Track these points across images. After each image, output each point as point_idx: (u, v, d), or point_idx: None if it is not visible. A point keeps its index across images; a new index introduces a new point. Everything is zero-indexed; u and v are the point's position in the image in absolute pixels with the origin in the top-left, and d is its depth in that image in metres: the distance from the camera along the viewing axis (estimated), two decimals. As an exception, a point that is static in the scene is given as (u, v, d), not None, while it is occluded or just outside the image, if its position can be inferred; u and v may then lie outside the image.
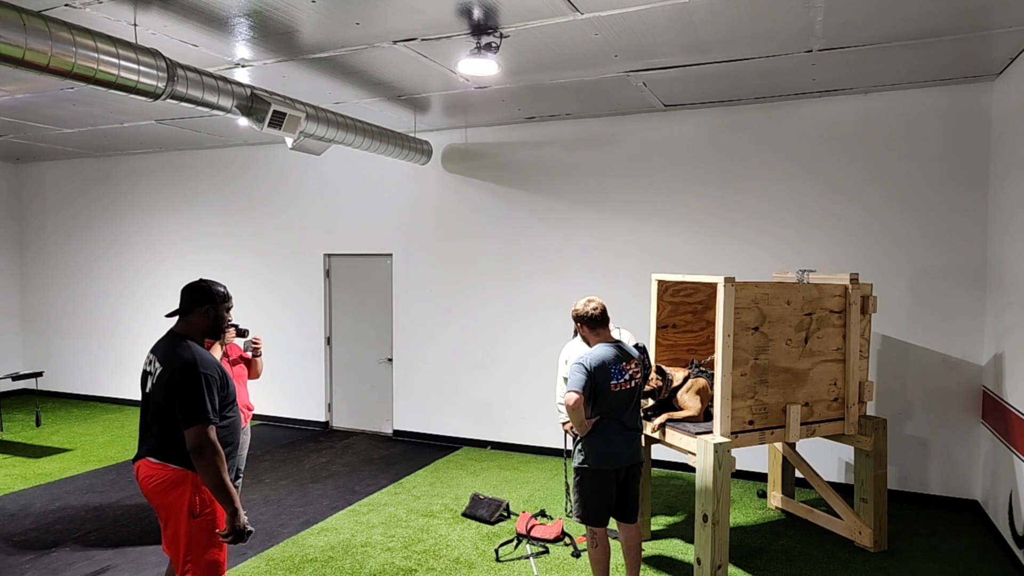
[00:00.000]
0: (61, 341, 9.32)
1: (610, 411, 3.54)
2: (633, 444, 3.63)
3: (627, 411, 3.60)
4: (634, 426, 3.65)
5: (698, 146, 6.01)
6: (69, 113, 6.35)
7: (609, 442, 3.56)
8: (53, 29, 3.33)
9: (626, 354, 3.62)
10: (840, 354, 4.41)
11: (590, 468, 3.57)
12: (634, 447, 3.64)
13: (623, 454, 3.58)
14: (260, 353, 4.62)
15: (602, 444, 3.56)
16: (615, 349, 3.60)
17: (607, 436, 3.56)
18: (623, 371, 3.56)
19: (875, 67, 4.78)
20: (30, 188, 9.43)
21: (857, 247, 5.51)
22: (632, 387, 3.60)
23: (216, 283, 3.09)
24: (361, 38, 4.25)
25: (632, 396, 3.62)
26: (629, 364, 3.60)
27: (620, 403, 3.56)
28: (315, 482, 5.90)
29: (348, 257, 7.62)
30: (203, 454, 2.75)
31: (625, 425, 3.59)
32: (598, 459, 3.55)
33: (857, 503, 4.57)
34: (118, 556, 4.40)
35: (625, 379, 3.57)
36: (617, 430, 3.57)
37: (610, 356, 3.55)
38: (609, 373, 3.52)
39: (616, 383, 3.53)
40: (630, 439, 3.61)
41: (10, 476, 6.00)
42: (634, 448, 3.64)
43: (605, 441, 3.56)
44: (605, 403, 3.53)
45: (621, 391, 3.55)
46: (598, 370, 3.51)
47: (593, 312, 3.64)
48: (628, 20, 3.91)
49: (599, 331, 3.67)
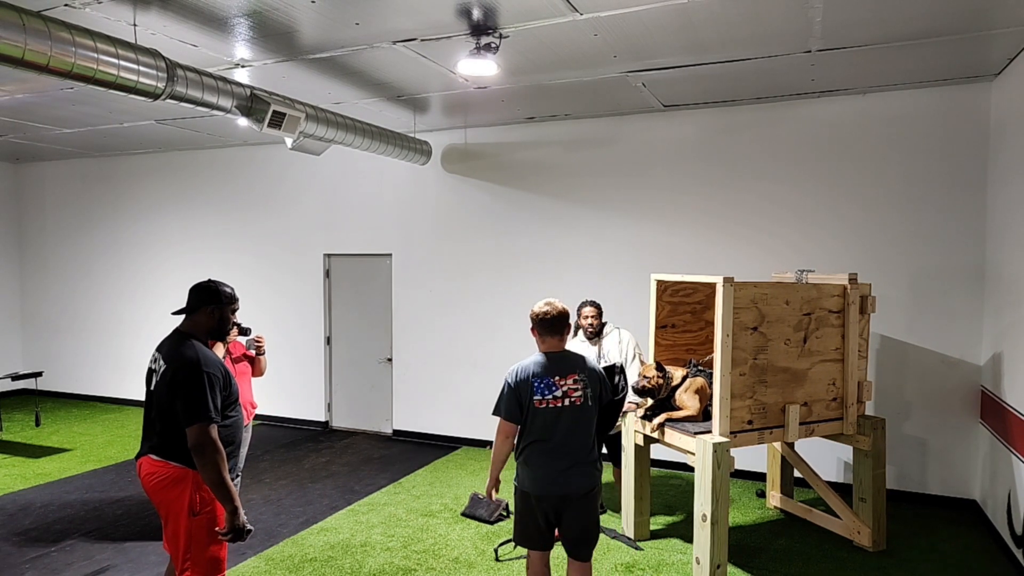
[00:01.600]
0: (61, 341, 9.33)
1: (538, 432, 3.08)
2: (569, 474, 3.08)
3: (557, 433, 3.07)
4: (571, 452, 3.09)
5: (697, 146, 6.01)
6: (69, 113, 6.35)
7: (533, 467, 3.10)
8: (53, 29, 3.34)
9: (564, 367, 3.12)
10: (839, 354, 4.41)
11: (516, 487, 3.21)
12: (571, 478, 3.08)
13: (553, 483, 3.08)
14: (263, 351, 4.64)
15: (527, 467, 3.13)
16: (549, 360, 3.14)
17: (531, 460, 3.11)
18: (553, 386, 3.07)
19: (874, 67, 4.79)
20: (30, 188, 9.43)
21: (856, 247, 5.52)
22: (565, 406, 3.08)
23: (224, 284, 3.10)
24: (361, 38, 4.26)
25: (565, 416, 3.08)
26: (564, 379, 3.09)
27: (548, 422, 3.06)
28: (315, 482, 5.90)
29: (348, 257, 7.63)
30: (204, 452, 2.77)
31: (557, 451, 3.07)
32: (523, 481, 3.16)
33: (856, 503, 4.57)
34: (118, 555, 4.40)
35: (555, 395, 3.07)
36: (543, 453, 3.08)
37: (538, 367, 3.11)
38: (531, 387, 3.07)
39: (541, 399, 3.06)
40: (561, 467, 3.07)
41: (10, 476, 6.00)
42: (571, 479, 3.08)
43: (530, 464, 3.12)
44: (533, 422, 3.08)
45: (548, 408, 3.06)
46: (521, 383, 3.10)
47: (543, 316, 3.16)
48: (627, 20, 3.91)
49: (546, 339, 3.17)
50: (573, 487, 3.09)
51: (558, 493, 3.09)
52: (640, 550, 4.49)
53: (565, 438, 3.08)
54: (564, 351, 3.20)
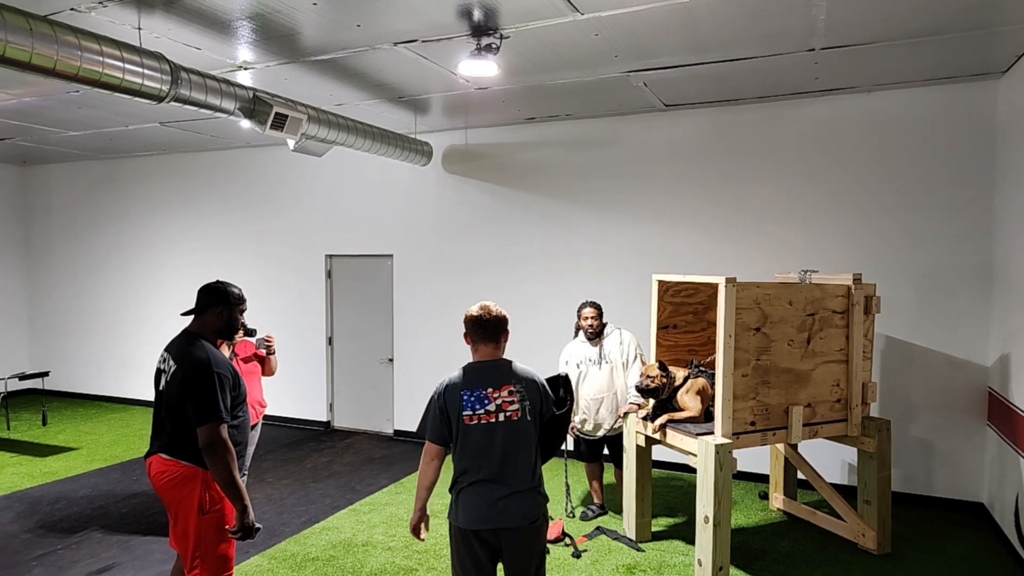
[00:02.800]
0: (67, 341, 9.39)
1: (469, 453, 2.68)
2: (508, 502, 2.65)
3: (491, 454, 2.66)
4: (508, 477, 2.66)
5: (699, 146, 5.99)
6: (75, 116, 6.40)
7: (466, 496, 2.69)
8: (59, 33, 3.37)
9: (497, 377, 2.74)
10: (843, 355, 4.38)
11: (450, 523, 2.76)
12: (511, 506, 2.65)
13: (488, 514, 2.65)
14: (273, 351, 4.69)
15: (462, 496, 2.71)
16: (479, 369, 2.77)
17: (463, 488, 2.71)
18: (485, 399, 2.69)
19: (878, 66, 4.76)
20: (36, 190, 9.51)
21: (860, 247, 5.48)
22: (500, 421, 2.68)
23: (232, 285, 3.15)
24: (362, 40, 4.26)
25: (500, 434, 2.68)
26: (498, 391, 2.70)
27: (480, 442, 2.67)
28: (317, 481, 5.92)
29: (349, 258, 7.64)
30: (215, 451, 2.79)
31: (493, 475, 2.65)
32: (455, 515, 2.73)
33: (860, 505, 4.54)
34: (124, 553, 4.43)
35: (488, 410, 2.68)
36: (475, 479, 2.67)
37: (467, 378, 2.74)
38: (460, 401, 2.69)
39: (471, 414, 2.68)
40: (498, 495, 2.65)
41: (17, 474, 6.05)
42: (512, 508, 2.65)
43: (461, 494, 2.71)
44: (462, 441, 2.69)
45: (480, 425, 2.67)
46: (448, 397, 2.72)
47: (475, 319, 2.82)
48: (629, 20, 3.90)
49: (479, 346, 2.83)
50: (512, 518, 2.66)
51: (495, 526, 2.65)
52: (641, 551, 4.48)
53: (501, 460, 2.67)
54: (498, 360, 2.82)
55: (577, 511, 5.15)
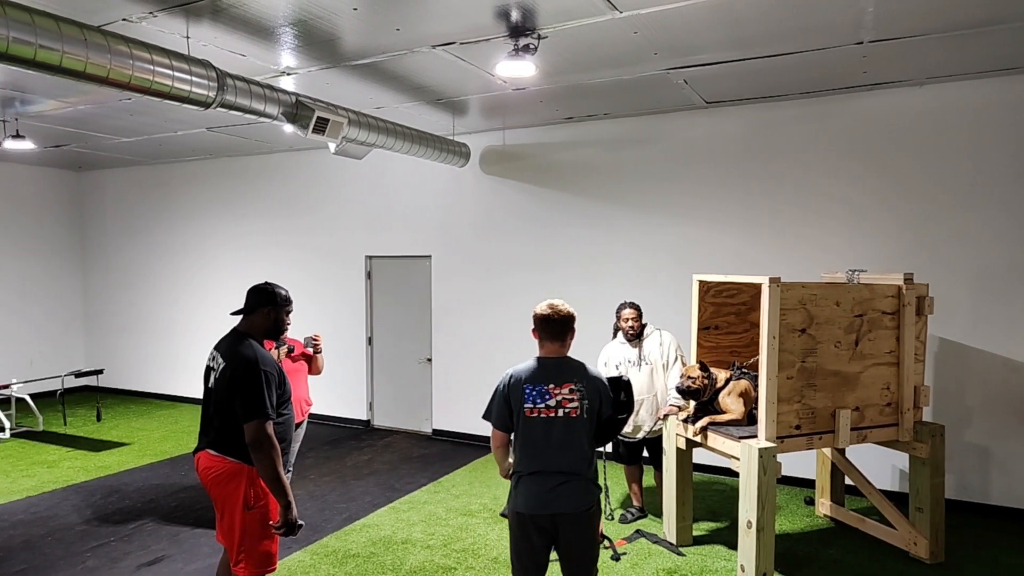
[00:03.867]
0: (120, 340, 9.75)
1: (529, 444, 2.85)
2: (563, 490, 2.82)
3: (549, 446, 2.83)
4: (564, 468, 2.84)
5: (742, 143, 5.88)
6: (127, 123, 6.63)
7: (524, 483, 2.87)
8: (112, 43, 3.48)
9: (559, 374, 2.87)
10: (894, 357, 4.25)
11: (510, 510, 2.93)
12: (565, 494, 2.83)
13: (547, 501, 2.82)
14: (321, 350, 4.79)
15: (522, 483, 2.88)
16: (544, 366, 2.89)
17: (526, 475, 2.87)
18: (546, 394, 2.83)
19: (931, 58, 4.59)
20: (91, 195, 9.90)
21: (912, 246, 5.30)
22: (558, 416, 2.84)
23: (279, 287, 3.21)
24: (401, 44, 4.31)
25: (559, 428, 2.83)
26: (559, 387, 2.84)
27: (538, 434, 2.83)
28: (357, 479, 6.01)
29: (389, 259, 7.74)
30: (261, 448, 2.85)
31: (550, 465, 2.83)
32: (514, 501, 2.90)
33: (912, 512, 4.39)
34: (173, 545, 4.57)
35: (548, 405, 2.83)
36: (532, 468, 2.84)
37: (531, 373, 2.87)
38: (523, 394, 2.84)
39: (532, 407, 2.83)
40: (552, 483, 2.82)
41: (73, 468, 6.30)
42: (565, 496, 2.83)
43: (520, 480, 2.89)
44: (523, 432, 2.86)
45: (539, 418, 2.83)
46: (512, 388, 2.87)
47: (543, 317, 2.92)
48: (668, 17, 3.85)
49: (545, 343, 2.93)
50: (567, 505, 2.82)
51: (551, 512, 2.81)
52: (682, 556, 4.41)
53: (556, 451, 2.83)
54: (564, 357, 2.93)
55: (616, 513, 5.10)
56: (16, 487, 5.76)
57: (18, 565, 4.29)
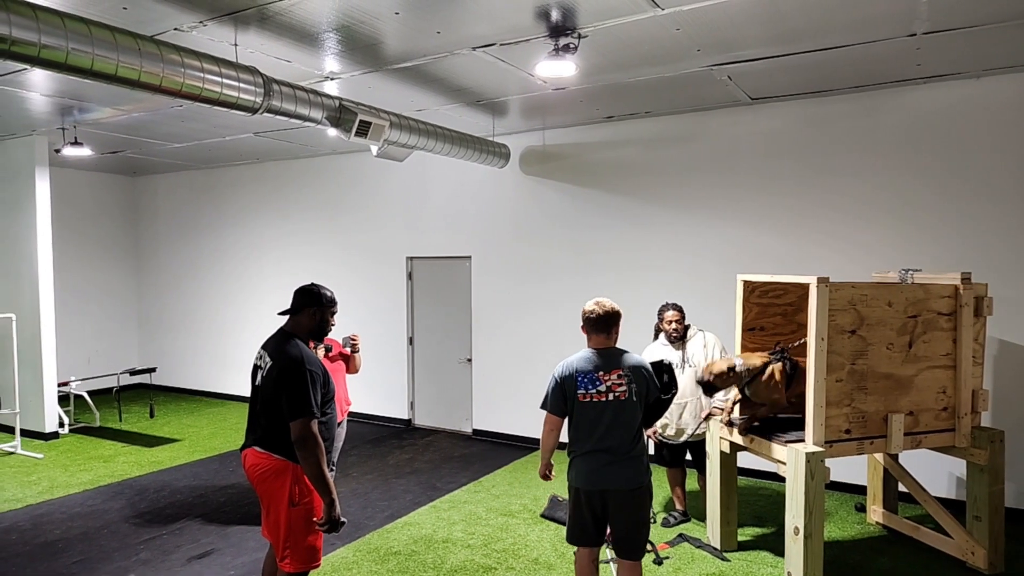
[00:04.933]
0: (172, 339, 10.08)
1: (582, 426, 3.22)
2: (612, 468, 3.17)
3: (599, 428, 3.18)
4: (613, 447, 3.16)
5: (788, 140, 5.74)
6: (178, 129, 6.86)
7: (579, 461, 3.25)
8: (164, 52, 3.61)
9: (609, 363, 3.21)
10: (950, 360, 4.09)
11: (568, 483, 3.32)
12: (615, 472, 3.17)
13: (599, 478, 3.18)
14: (358, 349, 4.87)
15: (577, 461, 3.27)
16: (594, 355, 3.24)
17: (580, 454, 3.25)
18: (596, 380, 3.18)
19: (988, 49, 4.40)
20: (144, 199, 10.27)
21: (969, 245, 5.09)
22: (609, 400, 3.16)
23: (325, 288, 3.27)
24: (442, 46, 4.34)
25: (609, 411, 3.17)
26: (608, 374, 3.18)
27: (591, 417, 3.18)
28: (399, 477, 6.08)
29: (429, 260, 7.81)
30: (306, 445, 2.89)
31: (601, 445, 3.17)
32: (572, 475, 3.29)
33: (969, 521, 4.21)
34: (222, 539, 4.69)
35: (599, 390, 3.17)
36: (586, 448, 3.20)
37: (583, 363, 3.22)
38: (576, 381, 3.20)
39: (584, 393, 3.18)
40: (604, 461, 3.17)
41: (128, 463, 6.54)
42: (615, 473, 3.17)
43: (576, 459, 3.27)
44: (577, 416, 3.23)
45: (592, 403, 3.18)
46: (566, 377, 3.23)
47: (589, 314, 3.27)
48: (711, 13, 3.79)
49: (592, 335, 3.29)
50: (616, 482, 3.17)
51: (601, 488, 3.18)
52: (727, 561, 4.33)
53: (607, 433, 3.17)
54: (610, 347, 3.29)
55: (659, 517, 5.04)
56: (74, 481, 6.00)
57: (75, 556, 4.47)
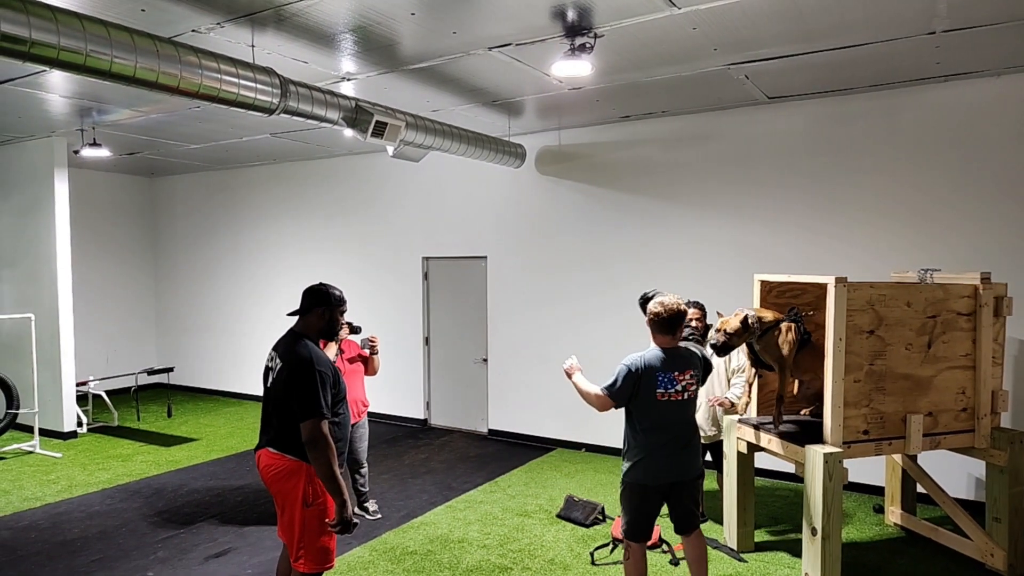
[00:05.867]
0: (189, 339, 10.19)
1: (656, 423, 3.32)
2: (682, 460, 3.37)
3: (676, 425, 3.35)
4: (686, 441, 3.39)
5: (806, 139, 5.70)
6: (195, 130, 6.93)
7: (653, 457, 3.34)
8: (182, 54, 3.63)
9: (682, 363, 3.35)
10: (969, 360, 4.05)
11: (630, 483, 3.40)
12: (684, 463, 3.38)
13: (670, 471, 3.35)
14: (377, 351, 4.89)
15: (646, 459, 3.34)
16: (670, 356, 3.35)
17: (651, 450, 3.33)
18: (674, 380, 3.31)
19: (1009, 47, 4.34)
20: (163, 199, 10.38)
21: (989, 244, 5.03)
22: (684, 399, 3.35)
23: (333, 287, 3.26)
24: (457, 47, 4.36)
25: (684, 409, 3.37)
26: (683, 374, 3.33)
27: (669, 416, 3.33)
28: (415, 477, 6.10)
29: (445, 260, 7.83)
30: (316, 446, 2.90)
31: (673, 440, 3.35)
32: (640, 474, 3.36)
33: (989, 522, 4.17)
34: (238, 539, 4.73)
35: (676, 390, 3.31)
36: (663, 444, 3.33)
37: (661, 362, 3.31)
38: (655, 380, 3.28)
39: (664, 392, 3.29)
40: (679, 454, 3.36)
41: (146, 462, 6.61)
42: (684, 464, 3.39)
43: (649, 456, 3.34)
44: (650, 413, 3.32)
45: (670, 402, 3.31)
46: (645, 373, 3.29)
47: (656, 316, 3.36)
48: (728, 12, 3.77)
49: (658, 336, 3.39)
50: (685, 472, 3.38)
51: (676, 479, 3.36)
52: (744, 562, 4.31)
53: (680, 429, 3.35)
54: (678, 347, 3.40)
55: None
56: (93, 480, 6.07)
57: (94, 555, 4.52)
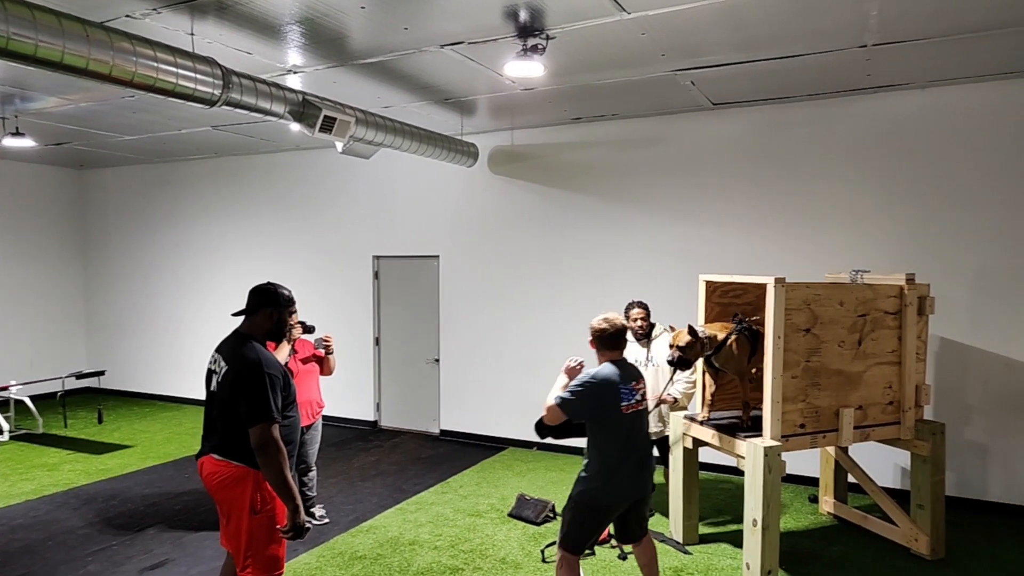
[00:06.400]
0: (122, 341, 9.71)
1: (622, 436, 3.26)
2: (644, 477, 3.34)
3: (637, 437, 3.33)
4: (646, 455, 3.37)
5: (748, 145, 5.91)
6: (129, 121, 6.61)
7: (618, 476, 3.24)
8: (114, 39, 3.45)
9: (634, 373, 3.38)
10: (896, 356, 4.28)
11: (588, 503, 3.28)
12: (645, 479, 3.35)
13: (632, 488, 3.30)
14: (332, 350, 4.78)
15: (612, 477, 3.24)
16: (621, 368, 3.33)
17: (615, 468, 3.24)
18: (633, 391, 3.29)
19: (933, 61, 4.63)
20: (93, 193, 9.86)
21: (914, 246, 5.35)
22: (642, 409, 3.35)
23: (281, 287, 3.15)
24: (409, 43, 4.32)
25: (641, 420, 3.36)
26: (638, 383, 3.35)
27: (632, 427, 3.28)
28: (364, 480, 6.01)
29: (396, 259, 7.74)
30: (267, 451, 2.80)
31: (636, 456, 3.30)
32: (601, 495, 3.25)
33: (913, 509, 4.43)
34: (176, 549, 4.54)
35: (636, 399, 3.30)
36: (627, 461, 3.26)
37: (619, 375, 3.27)
38: (619, 393, 3.23)
39: (628, 404, 3.25)
40: (641, 471, 3.32)
41: (73, 471, 6.26)
42: (645, 481, 3.36)
43: (614, 474, 3.24)
44: (617, 428, 3.25)
45: (634, 413, 3.29)
46: (607, 388, 3.23)
47: (602, 333, 3.34)
48: (676, 19, 3.87)
49: (606, 352, 3.36)
50: (647, 488, 3.38)
51: (635, 497, 3.32)
52: (688, 554, 4.44)
53: (640, 440, 3.35)
54: (624, 359, 3.41)
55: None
56: (15, 491, 5.71)
57: (18, 570, 4.25)
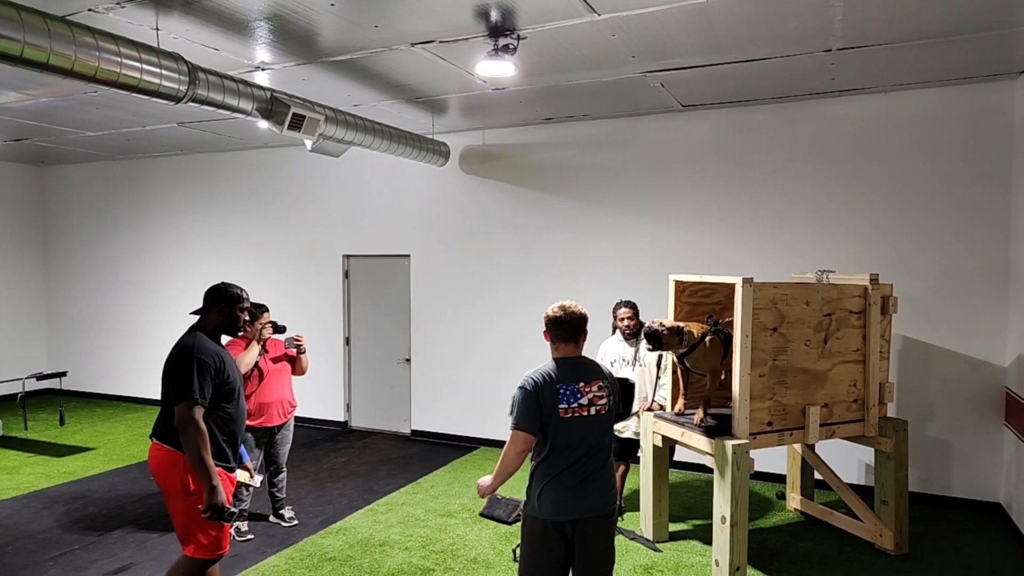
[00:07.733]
0: (85, 341, 9.47)
1: (557, 444, 2.74)
2: (588, 492, 2.75)
3: (581, 446, 2.75)
4: (593, 468, 2.77)
5: (716, 146, 5.98)
6: (93, 116, 6.46)
7: (552, 487, 2.74)
8: (77, 34, 3.38)
9: (588, 373, 2.81)
10: (860, 355, 4.37)
11: (527, 515, 2.82)
12: (590, 496, 2.75)
13: (569, 504, 2.73)
14: (304, 350, 4.77)
15: (545, 488, 2.75)
16: (569, 365, 2.81)
17: (549, 479, 2.75)
18: (578, 393, 2.75)
19: (896, 66, 4.74)
20: (55, 190, 9.60)
21: (878, 247, 5.46)
22: (591, 415, 2.77)
23: (233, 285, 3.35)
24: (379, 41, 4.29)
25: (592, 427, 2.77)
26: (589, 386, 2.78)
27: (573, 434, 2.74)
28: (334, 481, 5.95)
29: (367, 258, 7.68)
30: (186, 430, 2.95)
31: (576, 466, 2.74)
32: (538, 507, 2.76)
33: (878, 505, 4.52)
34: (140, 553, 4.45)
35: (581, 403, 2.75)
36: (563, 471, 2.73)
37: (560, 373, 2.77)
38: (557, 394, 2.73)
39: (567, 407, 2.73)
40: (583, 485, 2.74)
41: (34, 474, 6.10)
42: (589, 497, 2.75)
43: (548, 485, 2.75)
44: (553, 434, 2.73)
45: (574, 418, 2.73)
46: (544, 389, 2.73)
47: (556, 321, 2.84)
48: (646, 21, 3.90)
49: (560, 345, 2.85)
50: (593, 508, 2.76)
51: (576, 516, 2.74)
52: (659, 552, 4.48)
53: (589, 452, 2.77)
54: (582, 356, 2.88)
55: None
56: (-26, 494, 5.57)
57: (-23, 574, 4.16)
